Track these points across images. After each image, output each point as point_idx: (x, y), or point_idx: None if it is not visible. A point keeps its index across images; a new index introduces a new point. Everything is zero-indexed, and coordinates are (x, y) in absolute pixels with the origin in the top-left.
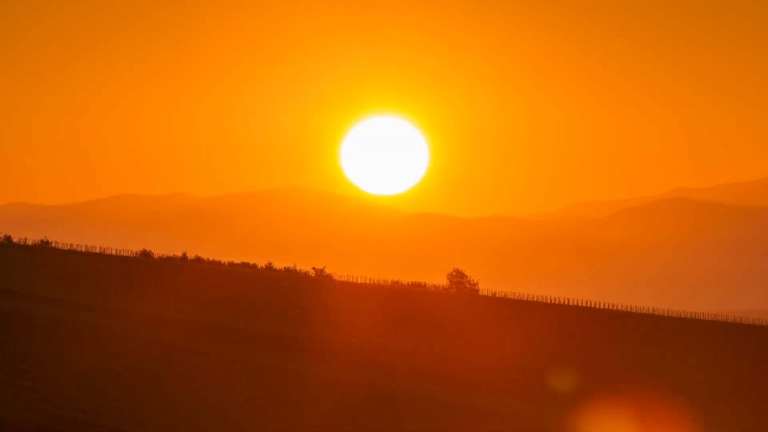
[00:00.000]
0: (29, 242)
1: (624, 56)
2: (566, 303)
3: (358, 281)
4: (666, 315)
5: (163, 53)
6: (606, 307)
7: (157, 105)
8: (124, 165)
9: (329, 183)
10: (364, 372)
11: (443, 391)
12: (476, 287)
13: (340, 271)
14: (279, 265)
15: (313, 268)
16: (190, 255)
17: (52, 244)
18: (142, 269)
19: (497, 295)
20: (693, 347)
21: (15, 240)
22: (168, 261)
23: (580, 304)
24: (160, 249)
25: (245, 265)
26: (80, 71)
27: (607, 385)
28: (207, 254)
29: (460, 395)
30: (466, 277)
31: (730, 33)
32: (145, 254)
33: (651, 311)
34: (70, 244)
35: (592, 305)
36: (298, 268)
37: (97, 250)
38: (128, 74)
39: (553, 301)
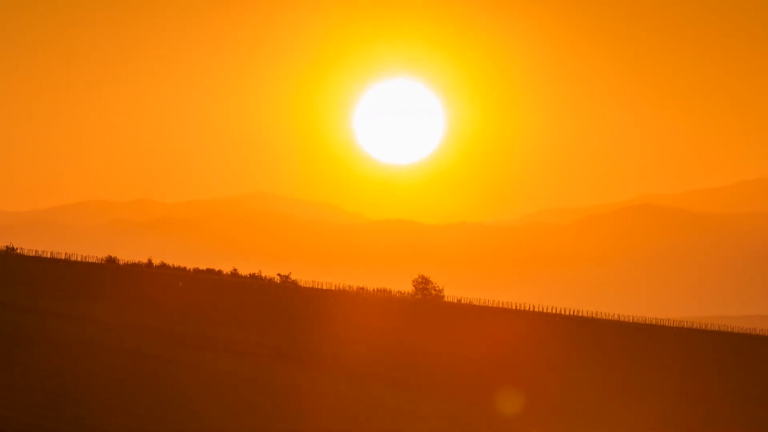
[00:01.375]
0: None
1: (592, 65)
2: (531, 309)
3: (324, 287)
4: (631, 321)
5: (129, 60)
6: (572, 313)
7: (124, 111)
8: (91, 171)
9: (295, 189)
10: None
11: (342, 387)
12: (441, 293)
13: (305, 277)
14: (244, 271)
15: (279, 275)
16: (156, 261)
17: (18, 251)
18: (108, 275)
19: (462, 301)
20: (636, 351)
21: None
22: (134, 267)
23: (546, 310)
24: (125, 255)
25: (210, 271)
26: (45, 78)
27: (506, 382)
28: (173, 260)
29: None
30: (432, 283)
31: (696, 41)
32: (111, 261)
33: (616, 317)
34: (36, 251)
35: (558, 311)
36: (263, 274)
37: (63, 257)
38: (94, 81)
39: (519, 308)
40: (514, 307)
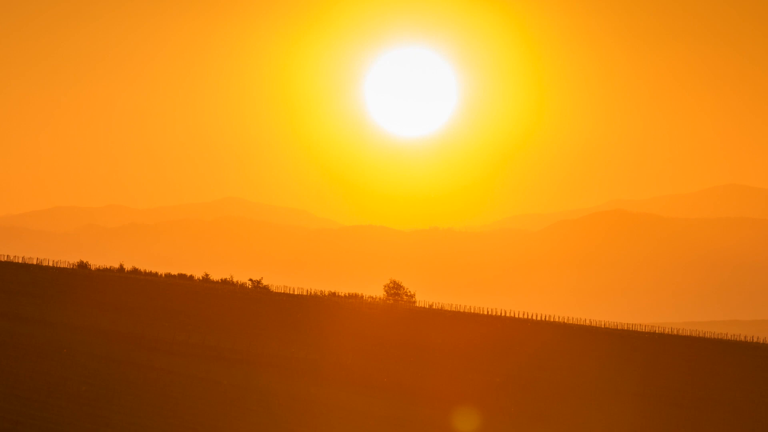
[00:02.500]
0: None
1: (570, 72)
2: (503, 315)
3: (295, 293)
4: (603, 326)
5: (99, 66)
6: (543, 318)
7: (94, 117)
8: (62, 177)
9: (266, 194)
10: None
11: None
12: (413, 298)
13: (277, 282)
14: (216, 276)
15: (250, 280)
16: (127, 267)
17: None
18: (79, 281)
19: (434, 307)
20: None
21: None
22: (105, 273)
23: (517, 316)
24: (97, 261)
25: (182, 276)
26: (15, 84)
27: (441, 382)
28: (144, 266)
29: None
30: (403, 289)
31: (668, 49)
32: (82, 266)
33: (588, 322)
34: (7, 256)
35: (529, 316)
36: (235, 279)
37: (34, 262)
38: (65, 88)
39: (489, 313)
40: (485, 313)
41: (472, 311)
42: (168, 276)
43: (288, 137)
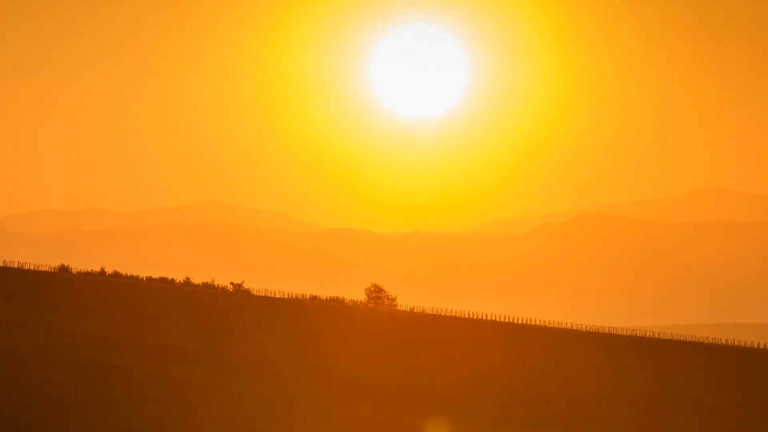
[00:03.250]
0: None
1: (552, 77)
2: (483, 318)
3: (276, 296)
4: (584, 330)
5: (79, 70)
6: (525, 321)
7: (74, 120)
8: (44, 181)
9: (248, 198)
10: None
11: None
12: (394, 302)
13: (258, 285)
14: (197, 280)
15: (232, 283)
16: (109, 270)
17: None
18: (61, 284)
19: (415, 310)
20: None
21: None
22: (86, 276)
23: (498, 319)
24: (78, 264)
25: (163, 280)
26: None
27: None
28: (126, 269)
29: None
30: (384, 292)
31: (649, 53)
32: (64, 269)
33: (569, 326)
34: None
35: (510, 320)
36: (216, 283)
37: (15, 265)
38: (45, 92)
39: (471, 316)
40: (466, 316)
41: (454, 315)
42: (149, 279)
43: (269, 140)
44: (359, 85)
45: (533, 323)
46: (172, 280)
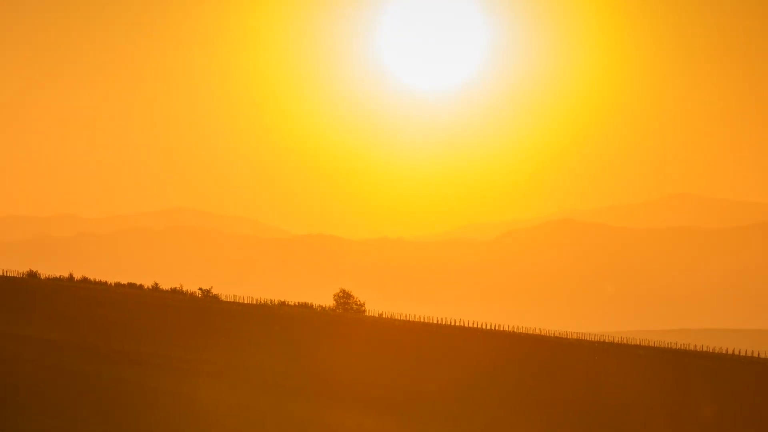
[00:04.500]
0: None
1: (519, 82)
2: (452, 324)
3: (245, 302)
4: (553, 336)
5: (46, 75)
6: (494, 327)
7: (44, 126)
8: (12, 186)
9: (217, 204)
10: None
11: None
12: (363, 308)
13: (227, 291)
14: (166, 285)
15: (200, 289)
16: (77, 276)
17: None
18: (29, 290)
19: (383, 316)
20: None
21: None
22: (55, 282)
23: (467, 325)
24: (48, 270)
25: (132, 285)
26: None
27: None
28: (95, 275)
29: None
30: (353, 298)
31: (617, 59)
32: (32, 275)
33: (537, 331)
34: None
35: (479, 325)
36: (184, 288)
37: None
38: (13, 96)
39: (439, 322)
40: (435, 322)
41: (422, 320)
42: (118, 285)
43: (239, 146)
44: (329, 89)
45: (501, 328)
46: (141, 286)
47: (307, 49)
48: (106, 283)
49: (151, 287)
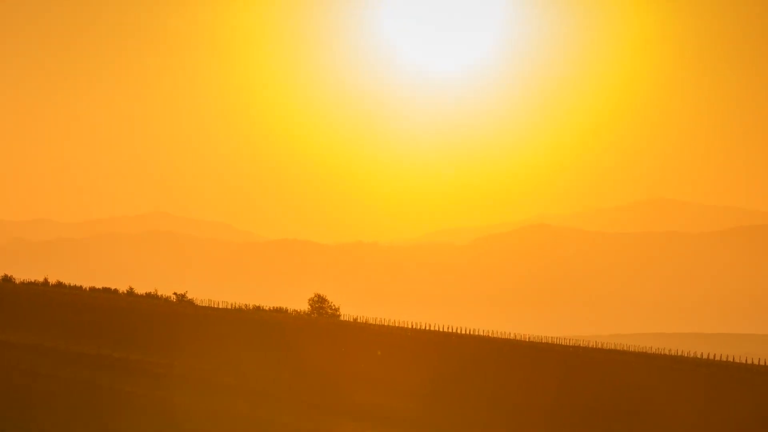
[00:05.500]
0: None
1: (493, 86)
2: (427, 329)
3: (220, 306)
4: (527, 340)
5: (21, 78)
6: (469, 332)
7: (19, 131)
8: None
9: (192, 209)
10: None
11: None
12: (337, 312)
13: (202, 296)
14: (141, 290)
15: (175, 293)
16: (52, 280)
17: None
18: (4, 295)
19: (358, 320)
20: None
21: None
22: (30, 287)
23: (442, 329)
24: (24, 275)
25: (107, 290)
26: None
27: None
28: (71, 280)
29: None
30: (328, 302)
31: (592, 62)
32: (7, 279)
33: (513, 335)
34: None
35: (455, 330)
36: (159, 293)
37: None
38: None
39: (414, 327)
40: (409, 326)
41: (397, 325)
42: (93, 290)
43: (214, 151)
44: (301, 95)
45: (476, 333)
46: (116, 291)
47: (283, 53)
48: (80, 287)
49: (125, 292)
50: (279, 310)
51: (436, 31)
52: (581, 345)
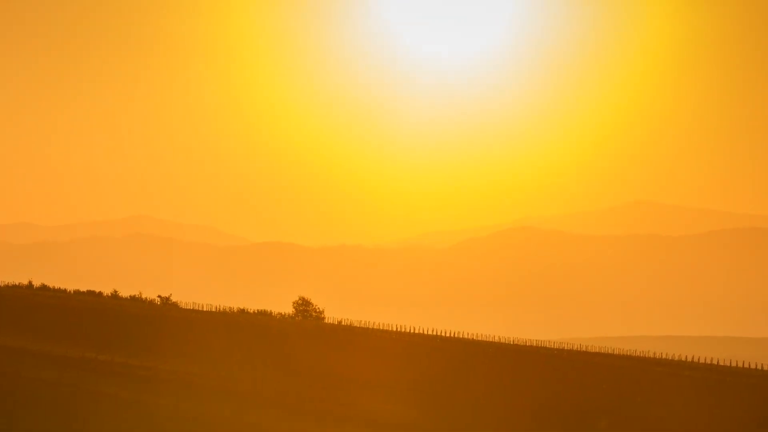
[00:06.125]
0: None
1: (472, 92)
2: (411, 331)
3: (204, 309)
4: (511, 343)
5: (4, 79)
6: (452, 335)
7: (0, 133)
8: None
9: (176, 212)
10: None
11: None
12: (322, 315)
13: (187, 299)
14: (125, 293)
15: (159, 296)
16: (36, 283)
17: None
18: None
19: (343, 323)
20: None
21: None
22: (13, 290)
23: (426, 332)
24: (6, 278)
25: (91, 293)
26: None
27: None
28: (54, 283)
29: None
30: (312, 305)
31: (571, 65)
32: None
33: (497, 339)
34: None
35: (438, 333)
36: (144, 296)
37: None
38: None
39: (399, 329)
40: (394, 329)
41: (382, 328)
42: (77, 293)
43: (197, 153)
44: (284, 97)
45: (460, 336)
46: (100, 294)
47: (268, 55)
48: (65, 290)
49: (110, 295)
50: (263, 313)
51: (423, 33)
52: (566, 348)
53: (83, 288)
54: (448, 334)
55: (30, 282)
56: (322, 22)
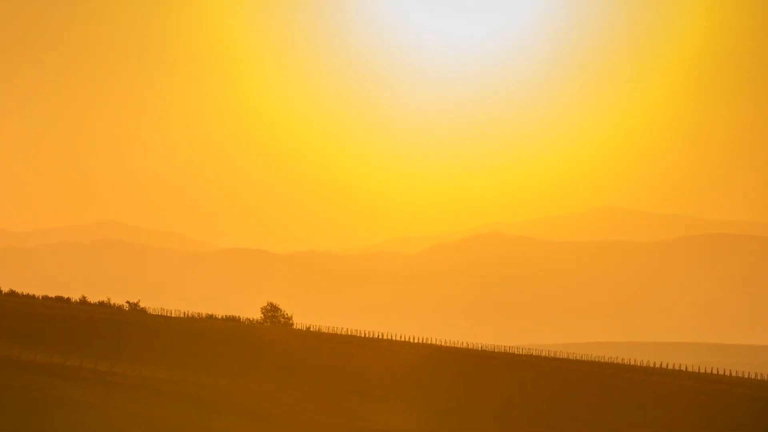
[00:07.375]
0: None
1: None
2: (380, 337)
3: (173, 315)
4: (480, 349)
5: None
6: (421, 341)
7: None
8: None
9: (141, 218)
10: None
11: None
12: (290, 321)
13: (155, 305)
14: (93, 299)
15: (128, 302)
16: (5, 289)
17: None
18: None
19: (311, 329)
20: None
21: None
22: None
23: (394, 338)
24: None
25: (60, 299)
26: None
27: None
28: (21, 290)
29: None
30: (281, 311)
31: (547, 72)
32: None
33: (465, 345)
34: None
35: (408, 339)
36: (112, 302)
37: None
38: None
39: (367, 335)
40: (363, 335)
41: (350, 333)
42: (45, 299)
43: (164, 158)
44: (252, 102)
45: (427, 342)
46: (69, 300)
47: (241, 60)
48: (33, 296)
49: (78, 301)
50: (232, 319)
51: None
52: (533, 354)
53: (52, 294)
54: (414, 340)
55: None
56: (278, 25)
